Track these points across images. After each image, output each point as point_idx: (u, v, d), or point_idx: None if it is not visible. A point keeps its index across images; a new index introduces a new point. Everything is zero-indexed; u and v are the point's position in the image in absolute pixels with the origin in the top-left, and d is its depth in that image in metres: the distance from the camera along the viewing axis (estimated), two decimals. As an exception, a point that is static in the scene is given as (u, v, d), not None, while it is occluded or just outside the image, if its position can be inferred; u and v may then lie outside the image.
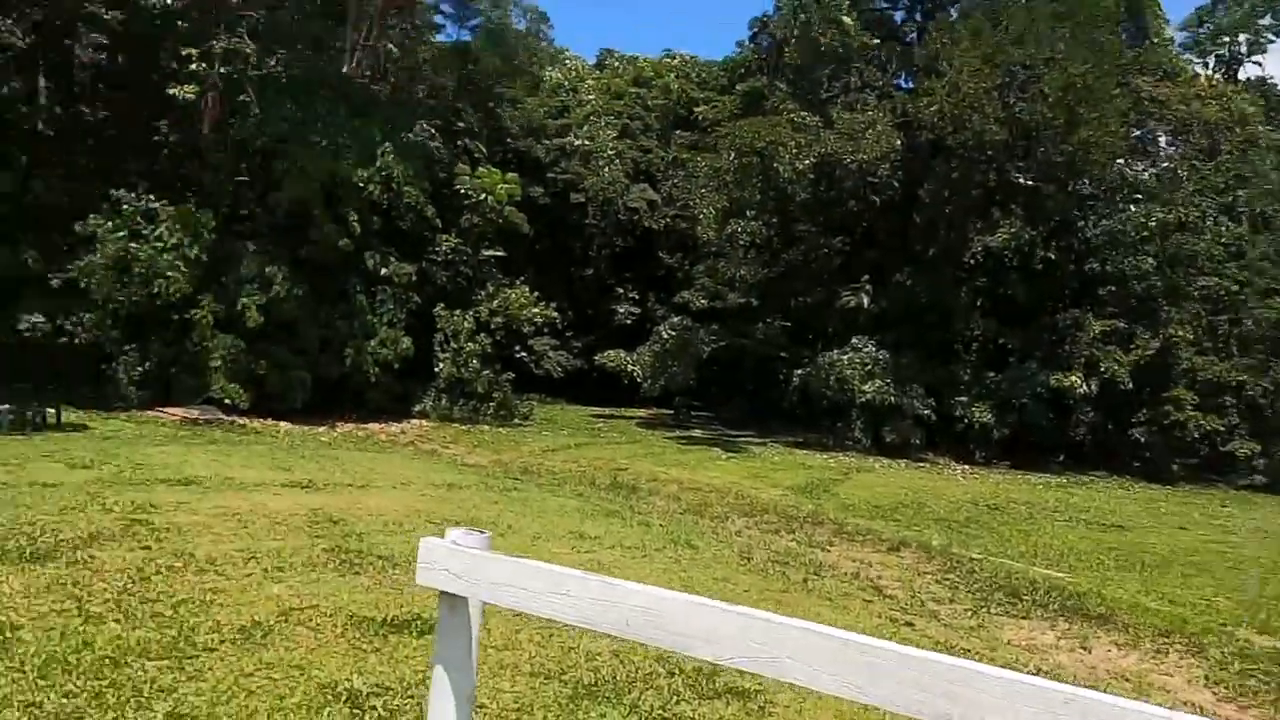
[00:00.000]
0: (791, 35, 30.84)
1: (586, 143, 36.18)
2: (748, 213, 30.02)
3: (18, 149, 20.53)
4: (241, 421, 19.12)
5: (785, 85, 31.36)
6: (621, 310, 37.22)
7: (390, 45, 28.79)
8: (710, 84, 39.37)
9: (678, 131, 37.07)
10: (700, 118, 33.58)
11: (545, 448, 20.34)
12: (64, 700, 4.15)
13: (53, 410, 15.44)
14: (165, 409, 18.85)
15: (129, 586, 6.10)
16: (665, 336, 29.53)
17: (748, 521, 12.84)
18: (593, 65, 44.75)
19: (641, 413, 33.48)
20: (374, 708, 4.44)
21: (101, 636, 5.01)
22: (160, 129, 23.45)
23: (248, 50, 21.45)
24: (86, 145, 23.17)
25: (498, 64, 33.11)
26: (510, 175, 28.13)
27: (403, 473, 13.47)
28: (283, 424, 19.91)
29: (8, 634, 4.92)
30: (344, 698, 4.48)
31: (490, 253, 28.12)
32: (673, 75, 40.53)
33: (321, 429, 20.17)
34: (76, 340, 18.76)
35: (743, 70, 36.17)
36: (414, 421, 23.62)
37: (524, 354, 31.96)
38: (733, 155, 27.67)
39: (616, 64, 43.85)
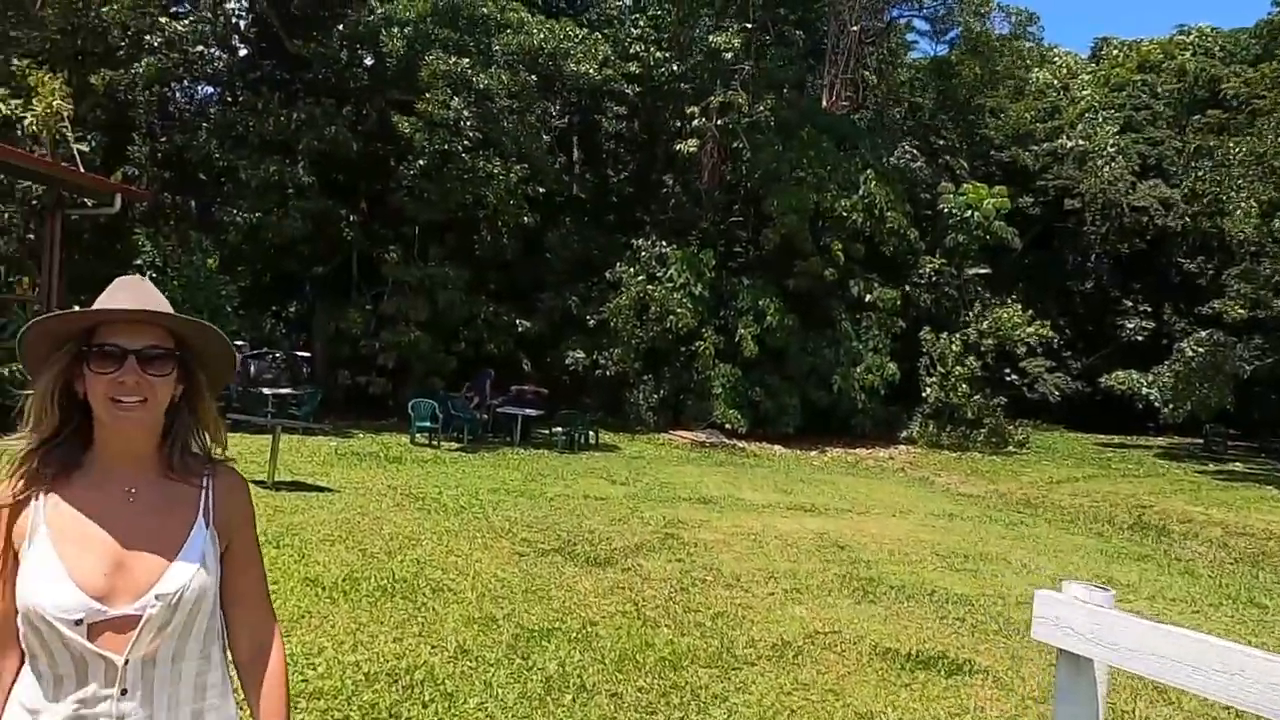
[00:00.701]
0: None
1: (1081, 143, 32.96)
2: (1299, 202, 24.84)
3: (560, 212, 24.45)
4: (741, 445, 20.49)
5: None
6: (1130, 325, 33.07)
7: (867, 73, 29.13)
8: (1238, 56, 33.53)
9: (1196, 117, 32.08)
10: (1227, 95, 28.70)
11: (1048, 479, 18.75)
12: (638, 694, 4.71)
13: (593, 433, 18.00)
14: (677, 432, 20.94)
15: (673, 595, 6.78)
16: (1190, 354, 25.56)
17: (1327, 579, 10.50)
18: (1086, 59, 40.78)
19: (1160, 442, 29.37)
20: (913, 746, 4.37)
21: (659, 639, 5.62)
22: (666, 182, 26.30)
23: (740, 100, 23.17)
24: (610, 203, 26.83)
25: (978, 74, 31.69)
26: (998, 188, 26.67)
27: (899, 500, 13.33)
28: (777, 447, 20.93)
29: (588, 629, 5.74)
30: (881, 730, 4.48)
31: (976, 271, 26.86)
32: (1188, 54, 35.28)
33: (813, 453, 20.80)
34: (607, 372, 21.67)
35: (1284, 32, 30.16)
36: (900, 447, 23.34)
37: (1015, 377, 29.90)
38: (1278, 134, 23.19)
39: (1115, 52, 39.41)
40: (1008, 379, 29.13)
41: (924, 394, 24.57)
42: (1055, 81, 37.03)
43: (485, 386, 18.41)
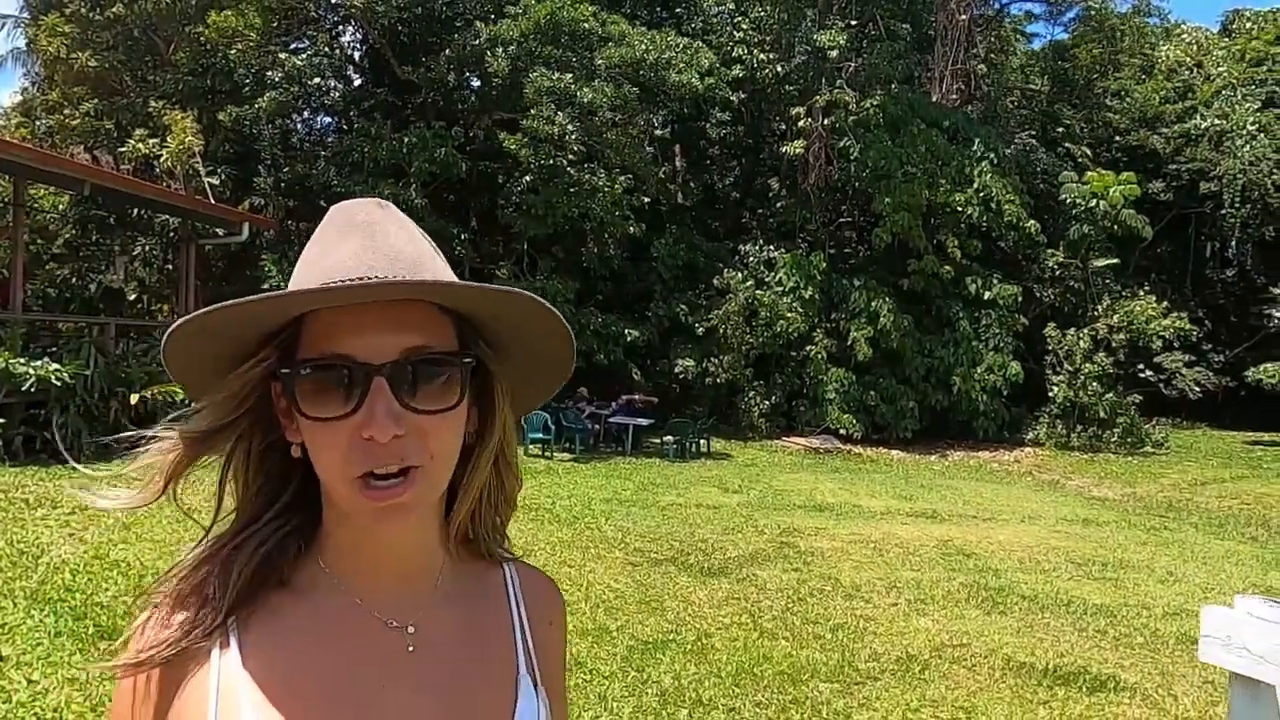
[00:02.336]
0: None
1: (1217, 122, 30.93)
2: None
3: (666, 221, 24.45)
4: (856, 450, 19.99)
5: None
6: (1278, 315, 30.79)
7: (978, 63, 28.12)
8: (1393, 18, 30.93)
9: (1348, 87, 29.73)
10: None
11: (1191, 480, 17.60)
12: (756, 709, 4.57)
13: (704, 441, 17.87)
14: (790, 439, 20.58)
15: (790, 606, 6.60)
16: (1349, 342, 23.60)
17: None
18: (1217, 33, 38.35)
19: (1317, 438, 27.19)
20: (1054, 768, 4.09)
21: (777, 652, 5.46)
22: (772, 185, 25.99)
23: (847, 98, 22.70)
24: (716, 209, 26.69)
25: (1097, 56, 30.16)
26: (1125, 175, 25.26)
27: (1028, 505, 12.71)
28: (894, 452, 20.33)
29: (703, 640, 5.63)
30: (1019, 752, 4.21)
31: (1103, 262, 25.50)
32: (1334, 20, 32.74)
33: (933, 457, 20.13)
34: (717, 379, 21.49)
35: None
36: (1027, 449, 22.31)
37: (1150, 373, 28.22)
38: None
39: (1249, 24, 36.88)
40: (1142, 375, 27.52)
41: (1051, 393, 23.44)
42: (1187, 59, 34.91)
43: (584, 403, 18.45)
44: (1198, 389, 29.18)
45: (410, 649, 0.83)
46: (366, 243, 0.79)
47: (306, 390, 0.76)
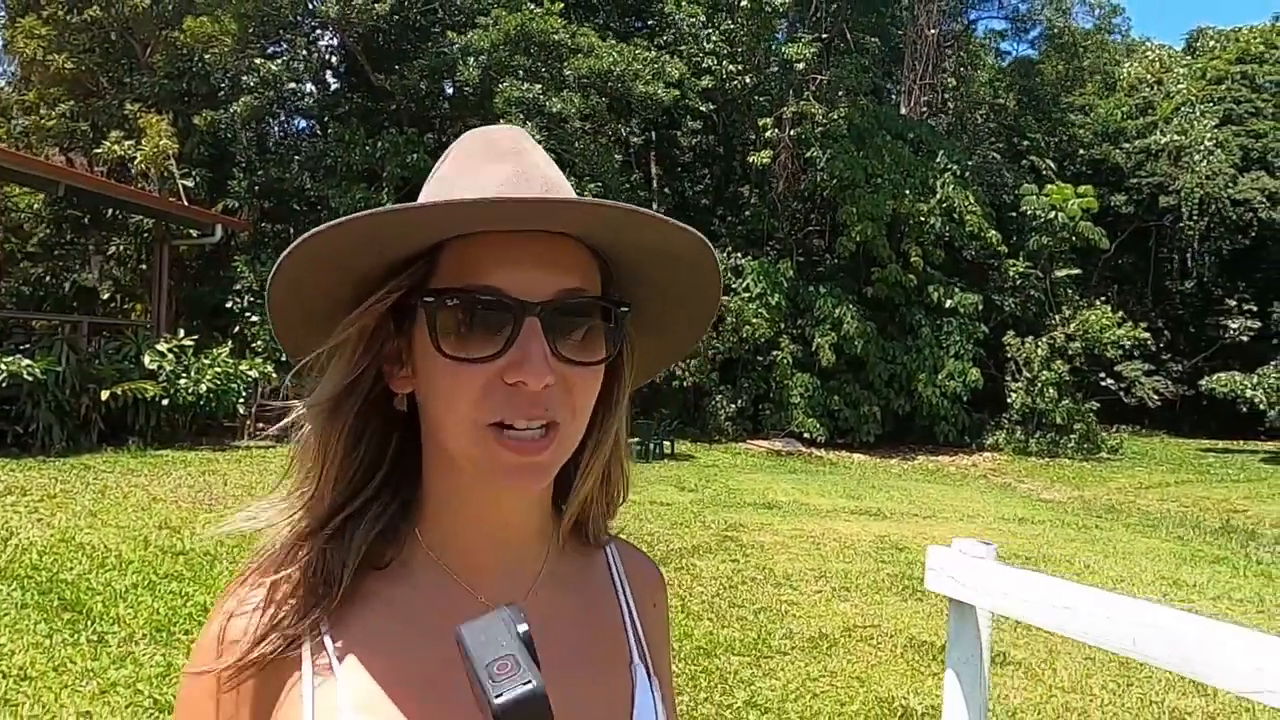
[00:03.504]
0: None
1: (1176, 138, 31.83)
2: None
3: (639, 227, 24.93)
4: (819, 454, 20.49)
5: None
6: (1234, 325, 31.63)
7: (947, 77, 28.81)
8: (1348, 40, 31.93)
9: (1302, 106, 30.69)
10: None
11: (1138, 484, 18.22)
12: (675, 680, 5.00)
13: (668, 442, 18.31)
14: (755, 442, 21.07)
15: (721, 592, 7.04)
16: (1298, 353, 24.40)
17: None
18: (1181, 51, 39.33)
19: (1269, 446, 27.99)
20: (927, 728, 4.54)
21: (698, 630, 5.90)
22: (743, 193, 26.52)
23: (814, 110, 23.26)
24: (688, 216, 27.16)
25: (1061, 71, 30.97)
26: (1083, 188, 25.99)
27: (971, 505, 13.24)
28: (856, 456, 20.86)
29: (632, 620, 6.05)
30: (899, 713, 4.66)
31: (1065, 273, 26.21)
32: (1291, 41, 33.75)
33: (893, 461, 20.66)
34: (684, 383, 21.95)
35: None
36: (986, 454, 22.92)
37: (1112, 381, 28.97)
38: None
39: (1212, 43, 37.93)
40: (1103, 383, 28.25)
41: (1010, 400, 24.09)
42: (1148, 76, 35.83)
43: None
44: (1156, 397, 29.98)
45: None
46: (518, 168, 0.71)
47: (447, 325, 0.66)
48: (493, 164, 0.72)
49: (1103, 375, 28.24)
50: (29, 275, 19.92)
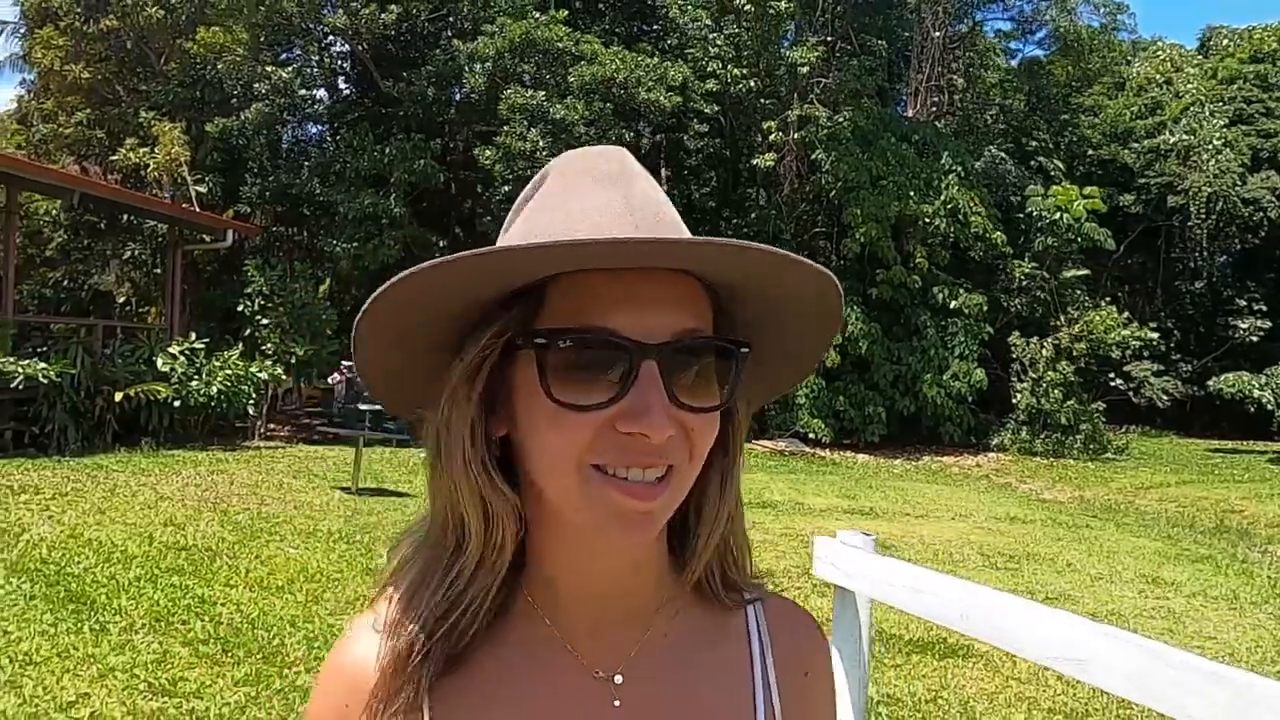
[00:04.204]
0: None
1: (1185, 138, 31.76)
2: None
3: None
4: (822, 454, 20.68)
5: None
6: (1243, 325, 31.54)
7: (954, 78, 28.91)
8: (1361, 39, 31.77)
9: (1315, 106, 30.55)
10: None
11: (1139, 484, 18.31)
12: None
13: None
14: (759, 441, 21.27)
15: (702, 587, 7.28)
16: (1306, 353, 24.35)
17: None
18: (1193, 50, 39.21)
19: (1277, 447, 27.94)
20: (880, 715, 4.77)
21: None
22: (749, 195, 26.73)
23: (819, 113, 23.45)
24: (694, 219, 27.43)
25: (1070, 72, 30.99)
26: (1090, 189, 26.03)
27: (966, 505, 13.40)
28: (860, 456, 21.03)
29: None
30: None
31: (1073, 273, 26.26)
32: (1305, 40, 33.58)
33: (896, 461, 20.82)
34: (689, 384, 22.20)
35: None
36: (991, 454, 23.03)
37: (1120, 381, 28.98)
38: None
39: (1225, 42, 37.77)
40: (1112, 384, 28.26)
41: (1015, 400, 24.18)
42: (1158, 76, 35.75)
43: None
44: (1166, 398, 29.94)
45: (616, 703, 0.69)
46: (627, 195, 0.66)
47: (557, 367, 0.62)
48: (599, 190, 0.66)
49: (1112, 376, 28.25)
50: (47, 279, 20.40)
